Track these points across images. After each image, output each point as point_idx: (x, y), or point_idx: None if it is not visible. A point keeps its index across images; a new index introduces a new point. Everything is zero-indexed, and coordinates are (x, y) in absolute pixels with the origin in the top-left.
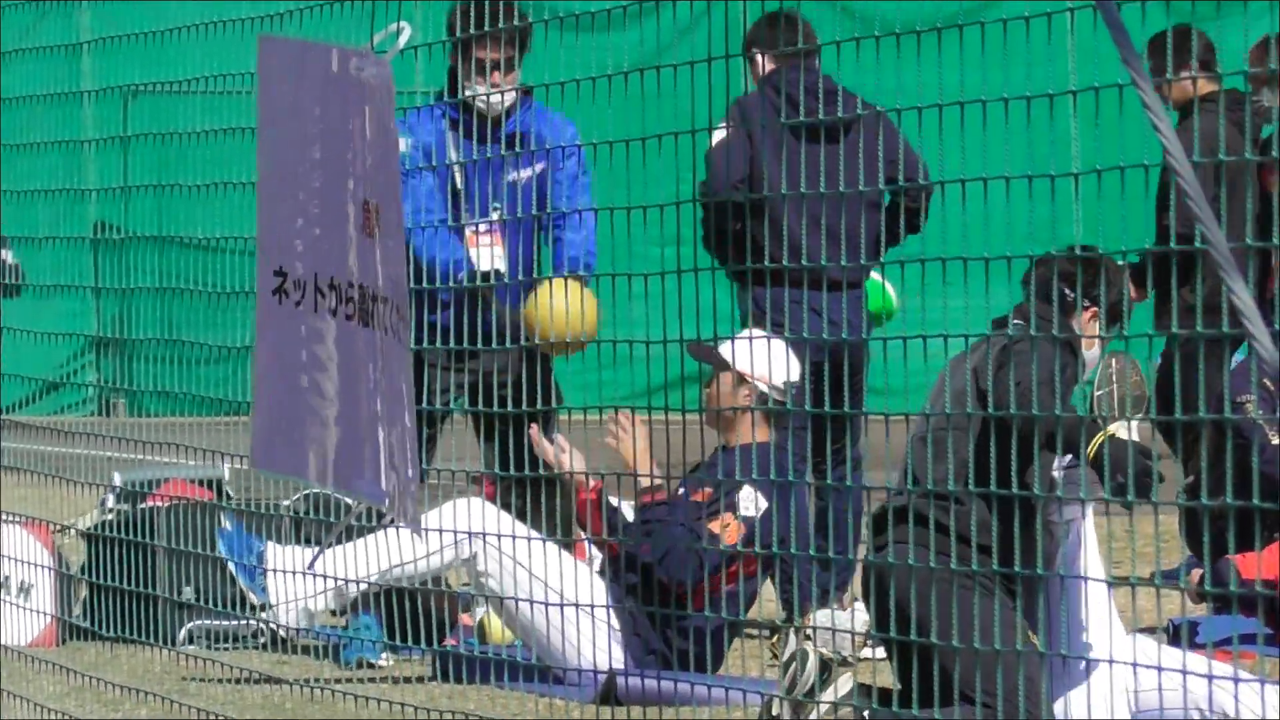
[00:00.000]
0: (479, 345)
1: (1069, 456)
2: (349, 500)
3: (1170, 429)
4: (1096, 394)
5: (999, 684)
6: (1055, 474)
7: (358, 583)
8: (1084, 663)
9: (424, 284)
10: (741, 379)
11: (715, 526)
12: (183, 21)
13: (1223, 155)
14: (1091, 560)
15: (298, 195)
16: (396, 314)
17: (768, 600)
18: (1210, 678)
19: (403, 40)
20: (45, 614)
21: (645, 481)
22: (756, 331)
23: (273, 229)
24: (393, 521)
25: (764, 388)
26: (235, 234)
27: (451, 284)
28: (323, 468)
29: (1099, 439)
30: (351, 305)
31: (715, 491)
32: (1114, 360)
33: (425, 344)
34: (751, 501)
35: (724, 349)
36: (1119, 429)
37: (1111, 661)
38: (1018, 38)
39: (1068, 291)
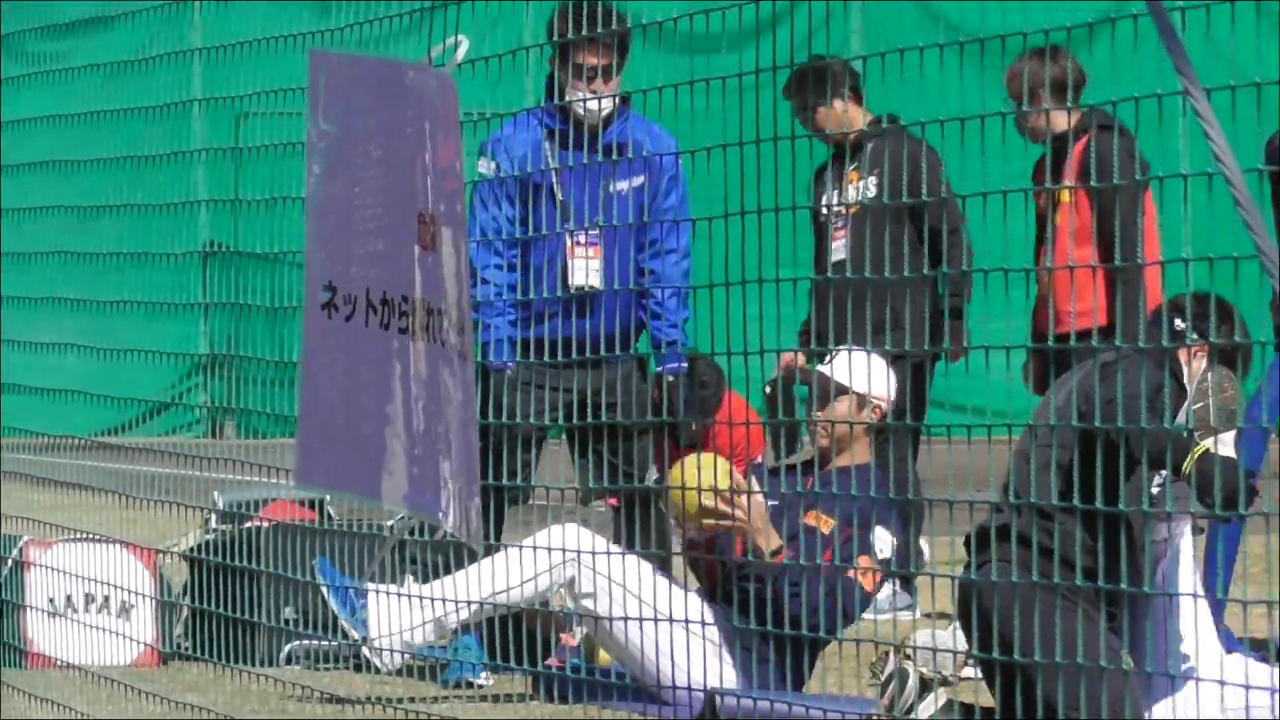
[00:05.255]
0: (579, 358)
1: (1165, 473)
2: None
3: None
4: (1193, 408)
5: (1104, 708)
6: (1154, 490)
7: (456, 611)
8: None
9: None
10: (861, 400)
11: (854, 573)
12: (293, 31)
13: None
14: (1186, 579)
15: (351, 210)
16: (458, 329)
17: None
18: None
19: (461, 53)
20: (145, 637)
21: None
22: (855, 349)
23: (322, 244)
24: (449, 536)
25: (885, 407)
26: None
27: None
28: (378, 483)
29: (1196, 452)
30: (407, 320)
31: (849, 527)
32: (1209, 374)
33: (526, 359)
34: (886, 543)
35: (827, 370)
36: (1212, 444)
37: (1223, 684)
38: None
39: (1179, 322)
